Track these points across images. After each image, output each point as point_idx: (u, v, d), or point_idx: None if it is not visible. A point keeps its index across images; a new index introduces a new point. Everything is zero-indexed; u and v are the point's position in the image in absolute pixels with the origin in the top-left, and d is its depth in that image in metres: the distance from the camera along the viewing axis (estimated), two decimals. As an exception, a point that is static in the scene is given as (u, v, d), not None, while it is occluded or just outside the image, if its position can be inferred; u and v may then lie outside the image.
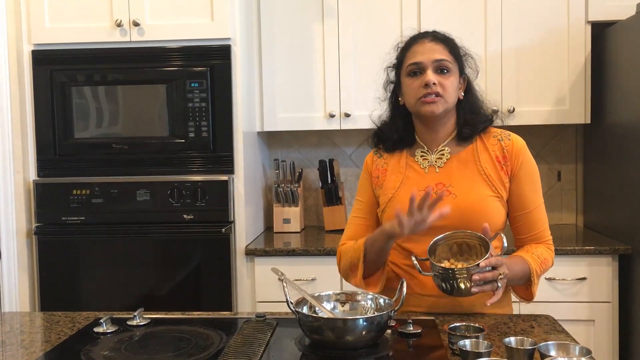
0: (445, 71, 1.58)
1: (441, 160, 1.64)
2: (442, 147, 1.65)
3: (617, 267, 2.55)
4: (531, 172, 1.62)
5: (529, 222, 1.62)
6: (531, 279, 1.55)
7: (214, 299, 2.58)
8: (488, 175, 1.60)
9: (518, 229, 1.64)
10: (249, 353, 1.30)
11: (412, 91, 1.60)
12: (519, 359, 1.18)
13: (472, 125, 1.63)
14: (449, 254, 1.50)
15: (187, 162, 2.60)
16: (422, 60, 1.58)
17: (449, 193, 1.59)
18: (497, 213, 1.59)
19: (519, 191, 1.61)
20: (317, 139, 3.26)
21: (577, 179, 3.16)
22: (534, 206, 1.62)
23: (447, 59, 1.59)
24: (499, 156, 1.61)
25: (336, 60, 2.89)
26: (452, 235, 1.49)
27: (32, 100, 2.62)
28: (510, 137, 1.64)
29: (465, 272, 1.39)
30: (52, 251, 2.62)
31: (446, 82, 1.58)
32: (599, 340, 2.54)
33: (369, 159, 1.75)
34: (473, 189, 1.59)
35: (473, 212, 1.56)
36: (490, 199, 1.58)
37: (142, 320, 1.54)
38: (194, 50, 2.58)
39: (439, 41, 1.61)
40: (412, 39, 1.66)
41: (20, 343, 1.45)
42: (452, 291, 1.43)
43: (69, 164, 2.64)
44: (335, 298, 1.48)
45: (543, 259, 1.59)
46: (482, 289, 1.40)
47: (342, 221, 3.08)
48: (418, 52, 1.60)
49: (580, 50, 2.80)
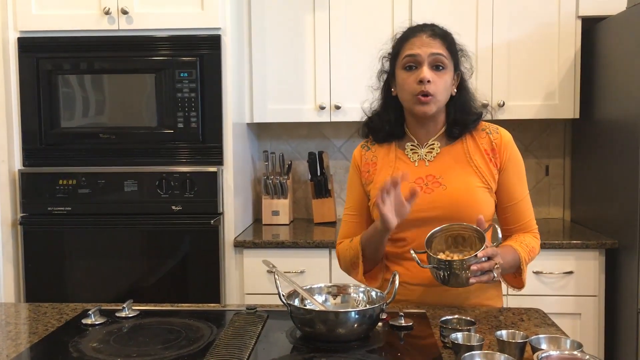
0: (440, 67, 1.58)
1: (431, 154, 1.65)
2: (432, 142, 1.66)
3: (604, 261, 2.57)
4: (518, 165, 1.65)
5: (517, 212, 1.65)
6: (521, 267, 1.58)
7: (202, 290, 2.56)
8: (478, 167, 1.62)
9: (506, 220, 1.67)
10: (240, 345, 1.29)
11: (407, 86, 1.59)
12: (510, 352, 1.19)
13: (462, 125, 1.65)
14: (445, 246, 1.52)
15: (176, 153, 2.58)
16: (418, 53, 1.58)
17: (439, 184, 1.60)
18: (487, 204, 1.61)
19: (507, 183, 1.63)
20: (307, 131, 3.24)
21: (565, 174, 3.18)
22: (521, 197, 1.65)
23: (443, 54, 1.58)
24: (487, 149, 1.63)
25: (327, 52, 2.87)
26: (448, 227, 1.51)
27: (18, 88, 2.58)
28: (498, 130, 1.67)
29: (463, 263, 1.41)
30: (38, 242, 2.58)
31: (440, 81, 1.58)
32: (585, 333, 2.56)
33: (357, 153, 1.75)
34: (463, 180, 1.60)
35: (463, 202, 1.58)
36: (480, 189, 1.60)
37: (131, 312, 1.52)
38: (183, 39, 2.55)
39: (437, 36, 1.60)
40: (410, 30, 1.65)
41: (6, 335, 1.42)
42: (450, 282, 1.45)
43: (55, 154, 2.60)
44: (327, 291, 1.48)
45: (531, 247, 1.62)
46: (479, 279, 1.43)
47: (331, 213, 3.08)
48: (415, 44, 1.59)
49: (571, 45, 2.81)
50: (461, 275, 1.42)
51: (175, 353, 1.27)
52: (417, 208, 1.57)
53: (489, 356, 1.14)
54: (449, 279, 1.44)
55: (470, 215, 1.55)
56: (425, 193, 1.60)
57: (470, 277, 1.41)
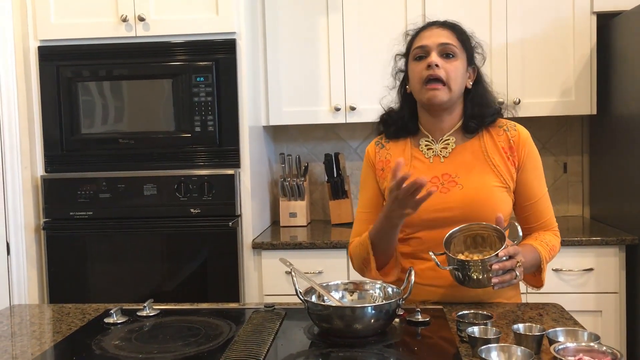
0: (450, 56, 1.57)
1: (446, 150, 1.63)
2: (447, 137, 1.64)
3: (624, 258, 2.55)
4: (536, 163, 1.63)
5: (537, 211, 1.63)
6: (541, 266, 1.56)
7: (222, 292, 2.59)
8: (495, 166, 1.60)
9: (526, 219, 1.65)
10: (259, 342, 1.30)
11: (416, 75, 1.59)
12: (527, 345, 1.19)
13: (479, 118, 1.62)
14: (463, 247, 1.50)
15: (194, 157, 2.61)
16: (427, 44, 1.58)
17: (455, 184, 1.59)
18: (504, 203, 1.59)
19: (526, 181, 1.61)
20: (323, 133, 3.26)
21: (583, 171, 3.16)
22: (540, 195, 1.63)
23: (452, 44, 1.58)
24: (505, 147, 1.61)
25: (341, 53, 2.89)
26: (467, 227, 1.49)
27: (39, 96, 2.64)
28: (516, 127, 1.64)
29: (484, 263, 1.40)
30: (61, 246, 2.63)
31: (450, 67, 1.56)
32: (606, 330, 2.53)
33: (371, 150, 1.72)
34: (480, 179, 1.58)
35: (480, 203, 1.56)
36: (497, 189, 1.58)
37: (151, 311, 1.54)
38: (199, 44, 2.59)
39: (446, 27, 1.61)
40: (421, 27, 1.66)
41: (31, 334, 1.46)
42: (470, 283, 1.43)
43: (76, 159, 2.65)
44: (343, 287, 1.49)
45: (552, 245, 1.60)
46: (502, 279, 1.40)
47: (349, 214, 3.09)
48: (425, 36, 1.61)
49: (586, 41, 2.80)
50: (482, 276, 1.41)
51: (195, 350, 1.29)
52: (433, 208, 1.56)
53: (505, 349, 1.15)
54: (470, 280, 1.42)
55: (488, 216, 1.53)
56: (441, 192, 1.58)
57: (492, 277, 1.39)
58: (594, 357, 1.10)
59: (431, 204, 1.56)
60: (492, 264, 1.39)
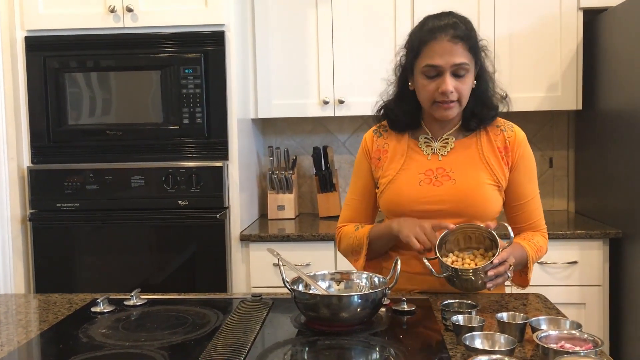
0: (462, 74, 1.53)
1: (445, 149, 1.64)
2: (447, 136, 1.65)
3: (608, 251, 2.58)
4: (530, 164, 1.65)
5: (526, 211, 1.65)
6: (527, 266, 1.59)
7: (209, 284, 2.59)
8: (490, 164, 1.61)
9: (515, 219, 1.67)
10: (246, 330, 1.31)
11: (427, 93, 1.56)
12: (510, 333, 1.20)
13: (479, 118, 1.62)
14: (454, 246, 1.53)
15: (182, 149, 2.61)
16: (440, 64, 1.51)
17: (448, 178, 1.60)
18: (494, 201, 1.61)
19: (518, 182, 1.63)
20: (311, 126, 3.27)
21: (569, 165, 3.19)
22: (531, 196, 1.65)
23: (466, 62, 1.53)
24: (500, 147, 1.62)
25: (330, 46, 2.90)
26: (459, 228, 1.51)
27: (26, 86, 2.62)
28: (513, 128, 1.65)
29: (478, 271, 1.43)
30: (47, 238, 2.62)
31: (463, 86, 1.54)
32: (590, 323, 2.57)
33: (369, 138, 1.72)
34: (473, 175, 1.60)
35: (471, 198, 1.58)
36: (489, 187, 1.60)
37: (139, 300, 1.55)
38: (187, 36, 2.58)
39: (458, 40, 1.52)
40: (430, 32, 1.54)
41: (17, 323, 1.46)
42: (464, 287, 1.47)
43: (63, 151, 2.64)
44: (330, 277, 1.50)
45: (539, 246, 1.63)
46: (495, 283, 1.45)
47: (337, 208, 3.10)
48: (437, 53, 1.51)
49: (573, 37, 2.82)
50: (475, 281, 1.44)
51: (182, 338, 1.29)
52: (425, 200, 1.59)
53: (489, 337, 1.17)
54: (463, 284, 1.46)
55: (477, 212, 1.57)
56: (434, 186, 1.60)
57: (487, 282, 1.43)
58: (576, 345, 1.12)
59: (423, 196, 1.58)
60: (487, 271, 1.43)
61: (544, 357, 1.11)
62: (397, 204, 1.63)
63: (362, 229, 1.69)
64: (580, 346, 1.11)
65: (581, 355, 1.03)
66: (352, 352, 1.25)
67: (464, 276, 1.44)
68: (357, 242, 1.67)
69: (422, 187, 1.60)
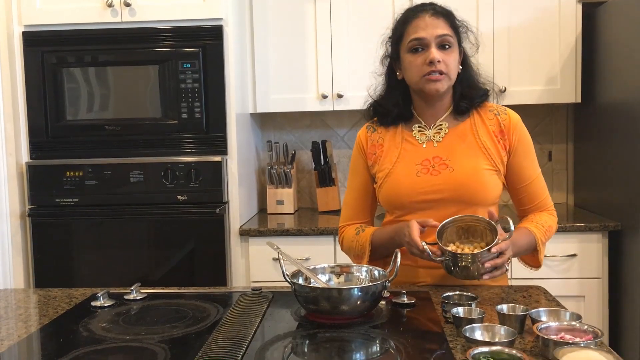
0: (447, 47, 1.57)
1: (439, 135, 1.64)
2: (440, 122, 1.65)
3: (607, 244, 2.58)
4: (528, 146, 1.65)
5: (530, 193, 1.65)
6: (537, 248, 1.59)
7: (209, 279, 2.59)
8: (487, 149, 1.61)
9: (520, 201, 1.67)
10: (246, 323, 1.31)
11: (415, 68, 1.58)
12: (511, 324, 1.21)
13: (469, 98, 1.63)
14: (455, 237, 1.52)
15: (180, 143, 2.61)
16: (425, 36, 1.56)
17: (446, 166, 1.60)
18: (493, 186, 1.60)
19: (519, 165, 1.63)
20: (310, 121, 3.26)
21: (568, 159, 3.19)
22: (533, 177, 1.64)
23: (449, 34, 1.57)
24: (495, 131, 1.62)
25: (328, 40, 2.89)
26: (460, 218, 1.51)
27: (24, 82, 2.61)
28: (506, 112, 1.65)
29: (476, 257, 1.42)
30: (46, 233, 2.62)
31: (449, 59, 1.57)
32: (589, 315, 2.57)
33: (362, 135, 1.73)
34: (470, 162, 1.60)
35: (470, 185, 1.57)
36: (487, 172, 1.59)
37: (139, 294, 1.55)
38: (185, 30, 2.57)
39: (439, 15, 1.58)
40: (411, 11, 1.62)
41: (17, 317, 1.45)
42: (460, 275, 1.46)
43: (62, 146, 2.63)
44: (330, 270, 1.50)
45: (547, 226, 1.62)
46: (492, 275, 1.45)
47: (336, 202, 3.10)
48: (420, 27, 1.57)
49: (571, 30, 2.82)
50: (472, 269, 1.44)
51: (182, 331, 1.29)
52: (423, 190, 1.58)
53: (489, 328, 1.17)
54: (460, 271, 1.45)
55: (477, 198, 1.57)
56: (431, 175, 1.59)
57: (483, 274, 1.43)
58: (576, 336, 1.12)
59: (421, 186, 1.58)
60: (484, 261, 1.42)
61: (544, 348, 1.11)
62: (395, 196, 1.63)
63: (363, 233, 1.68)
64: (580, 337, 1.11)
65: (581, 346, 1.03)
66: (353, 344, 1.25)
67: (461, 262, 1.43)
68: (359, 246, 1.67)
69: (420, 177, 1.60)
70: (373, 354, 1.22)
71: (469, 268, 1.44)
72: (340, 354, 1.21)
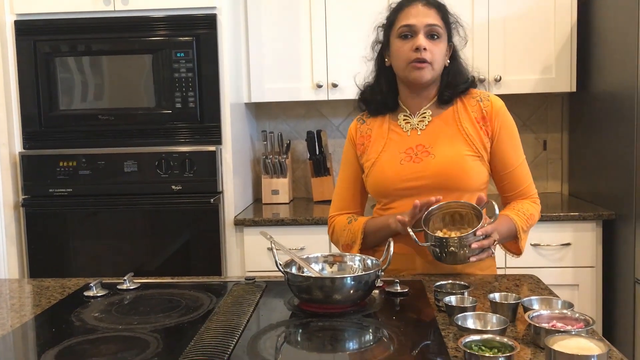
0: (435, 37, 1.59)
1: (423, 123, 1.66)
2: (424, 110, 1.67)
3: (601, 233, 2.59)
4: (511, 132, 1.65)
5: (513, 180, 1.65)
6: (517, 236, 1.59)
7: (204, 269, 2.59)
8: (468, 135, 1.62)
9: (503, 188, 1.68)
10: (239, 312, 1.31)
11: (402, 54, 1.60)
12: (503, 313, 1.21)
13: (452, 87, 1.65)
14: (442, 224, 1.53)
15: (175, 133, 2.60)
16: (414, 23, 1.58)
17: (428, 154, 1.61)
18: (477, 172, 1.61)
19: (501, 151, 1.63)
20: (305, 111, 3.25)
21: (563, 148, 3.19)
22: (516, 164, 1.65)
23: (438, 25, 1.60)
24: (477, 117, 1.63)
25: (323, 29, 2.88)
26: (446, 205, 1.51)
27: (16, 71, 2.60)
28: (489, 98, 1.66)
29: (462, 240, 1.43)
30: (40, 223, 2.61)
31: (435, 49, 1.59)
32: (583, 304, 2.59)
33: (353, 127, 1.77)
34: (452, 148, 1.61)
35: (451, 172, 1.59)
36: (470, 158, 1.60)
37: (132, 284, 1.55)
38: (179, 19, 2.55)
39: (431, 6, 1.61)
40: (406, 1, 1.64)
41: (10, 307, 1.45)
42: (447, 259, 1.46)
43: (55, 136, 2.62)
44: (323, 259, 1.50)
45: (529, 214, 1.63)
46: (479, 257, 1.46)
47: (331, 192, 3.07)
48: (411, 14, 1.60)
49: (566, 19, 2.81)
50: (459, 253, 1.44)
51: (176, 321, 1.29)
52: (406, 178, 1.61)
53: (481, 317, 1.17)
54: (447, 256, 1.46)
55: (459, 184, 1.58)
56: (414, 163, 1.61)
57: (470, 256, 1.44)
58: (567, 324, 1.12)
59: (404, 174, 1.60)
60: (468, 242, 1.42)
61: (535, 336, 1.11)
62: (381, 184, 1.65)
63: (356, 222, 1.70)
64: (572, 325, 1.12)
65: (572, 334, 1.04)
66: (346, 333, 1.25)
67: (447, 247, 1.44)
68: (350, 235, 1.69)
69: (403, 165, 1.62)
70: (366, 342, 1.22)
71: (456, 252, 1.44)
72: (333, 342, 1.21)
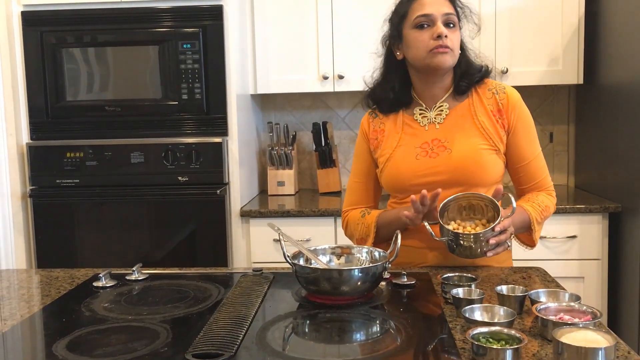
0: (452, 25, 1.58)
1: (440, 117, 1.64)
2: (441, 103, 1.65)
3: (607, 225, 2.59)
4: (527, 124, 1.64)
5: (529, 172, 1.64)
6: (531, 227, 1.59)
7: (210, 260, 2.60)
8: (485, 129, 1.61)
9: (519, 180, 1.67)
10: (247, 303, 1.32)
11: (421, 43, 1.57)
12: (510, 305, 1.21)
13: (469, 77, 1.63)
14: (457, 215, 1.52)
15: (181, 124, 2.60)
16: (432, 12, 1.56)
17: (444, 148, 1.60)
18: (493, 166, 1.60)
19: (517, 144, 1.62)
20: (311, 102, 3.25)
21: (569, 140, 3.19)
22: (532, 157, 1.64)
23: (454, 13, 1.59)
24: (493, 110, 1.62)
25: (329, 21, 2.87)
26: (462, 196, 1.51)
27: (23, 62, 2.60)
28: (505, 90, 1.64)
29: (479, 236, 1.42)
30: (48, 214, 2.63)
31: (454, 36, 1.58)
32: (588, 296, 2.59)
33: (365, 121, 1.74)
34: (468, 142, 1.60)
35: (468, 166, 1.58)
36: (486, 151, 1.59)
37: (140, 275, 1.55)
38: (185, 10, 2.55)
39: None
40: None
41: (20, 297, 1.46)
42: (463, 253, 1.46)
43: (62, 127, 2.63)
44: (331, 251, 1.50)
45: (544, 206, 1.62)
46: (496, 252, 1.46)
47: (336, 183, 3.10)
48: (426, 4, 1.57)
49: (574, 10, 2.80)
50: (475, 248, 1.44)
51: (184, 311, 1.30)
52: (422, 173, 1.59)
53: (488, 309, 1.17)
54: (463, 250, 1.46)
55: (476, 178, 1.57)
56: (430, 158, 1.60)
57: (487, 251, 1.44)
58: (574, 317, 1.13)
59: (420, 170, 1.59)
60: (488, 239, 1.42)
61: (542, 328, 1.12)
62: (396, 180, 1.64)
63: (369, 215, 1.69)
64: (579, 318, 1.12)
65: (580, 327, 1.04)
66: (353, 324, 1.26)
67: (464, 242, 1.44)
68: (364, 228, 1.68)
69: (419, 160, 1.61)
70: (373, 334, 1.23)
71: (472, 247, 1.44)
72: (341, 334, 1.22)
